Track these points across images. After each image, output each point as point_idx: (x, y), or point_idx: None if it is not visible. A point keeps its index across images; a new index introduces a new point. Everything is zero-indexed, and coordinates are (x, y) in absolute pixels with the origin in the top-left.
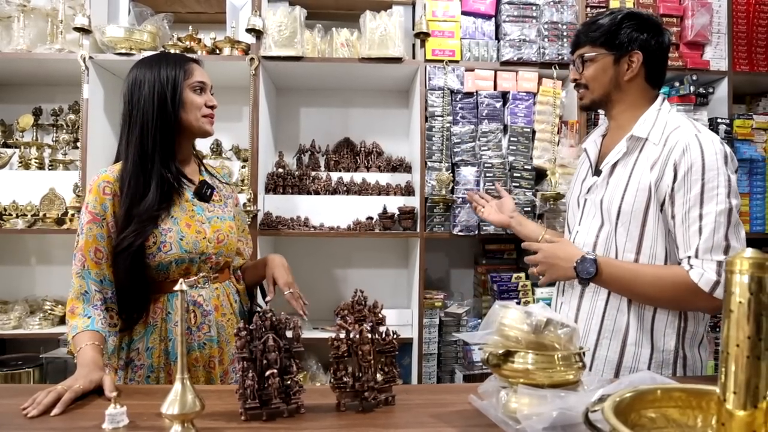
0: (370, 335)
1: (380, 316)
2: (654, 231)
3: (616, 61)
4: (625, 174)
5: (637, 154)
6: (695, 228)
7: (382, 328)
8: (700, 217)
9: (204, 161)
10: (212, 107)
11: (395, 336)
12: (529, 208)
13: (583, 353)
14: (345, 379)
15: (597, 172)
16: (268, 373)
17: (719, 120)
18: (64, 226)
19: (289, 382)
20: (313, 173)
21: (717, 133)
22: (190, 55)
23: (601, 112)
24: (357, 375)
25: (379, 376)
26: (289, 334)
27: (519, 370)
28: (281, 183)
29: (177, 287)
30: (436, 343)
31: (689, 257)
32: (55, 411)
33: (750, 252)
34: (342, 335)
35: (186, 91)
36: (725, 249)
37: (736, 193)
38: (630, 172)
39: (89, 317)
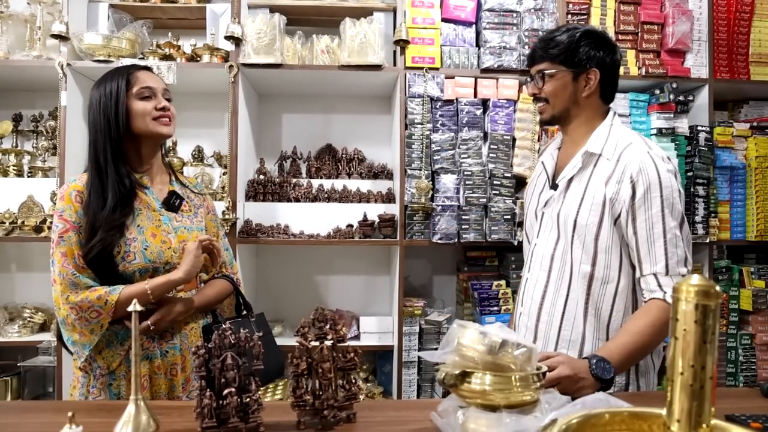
0: (330, 353)
1: (341, 333)
2: (608, 243)
3: (575, 78)
4: (580, 189)
5: (591, 169)
6: (660, 243)
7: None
8: (664, 233)
9: (183, 168)
10: (163, 109)
11: (356, 353)
12: (509, 216)
13: (543, 374)
14: (305, 397)
15: (554, 185)
16: (225, 391)
17: (699, 128)
18: (42, 234)
19: (248, 401)
20: (294, 180)
21: (697, 141)
22: (139, 63)
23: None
24: (317, 393)
25: (340, 394)
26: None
27: (476, 391)
28: (261, 190)
29: (130, 308)
30: (417, 351)
31: (656, 274)
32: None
33: (696, 279)
34: (302, 352)
35: (131, 101)
36: (685, 261)
37: (683, 204)
38: (585, 187)
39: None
